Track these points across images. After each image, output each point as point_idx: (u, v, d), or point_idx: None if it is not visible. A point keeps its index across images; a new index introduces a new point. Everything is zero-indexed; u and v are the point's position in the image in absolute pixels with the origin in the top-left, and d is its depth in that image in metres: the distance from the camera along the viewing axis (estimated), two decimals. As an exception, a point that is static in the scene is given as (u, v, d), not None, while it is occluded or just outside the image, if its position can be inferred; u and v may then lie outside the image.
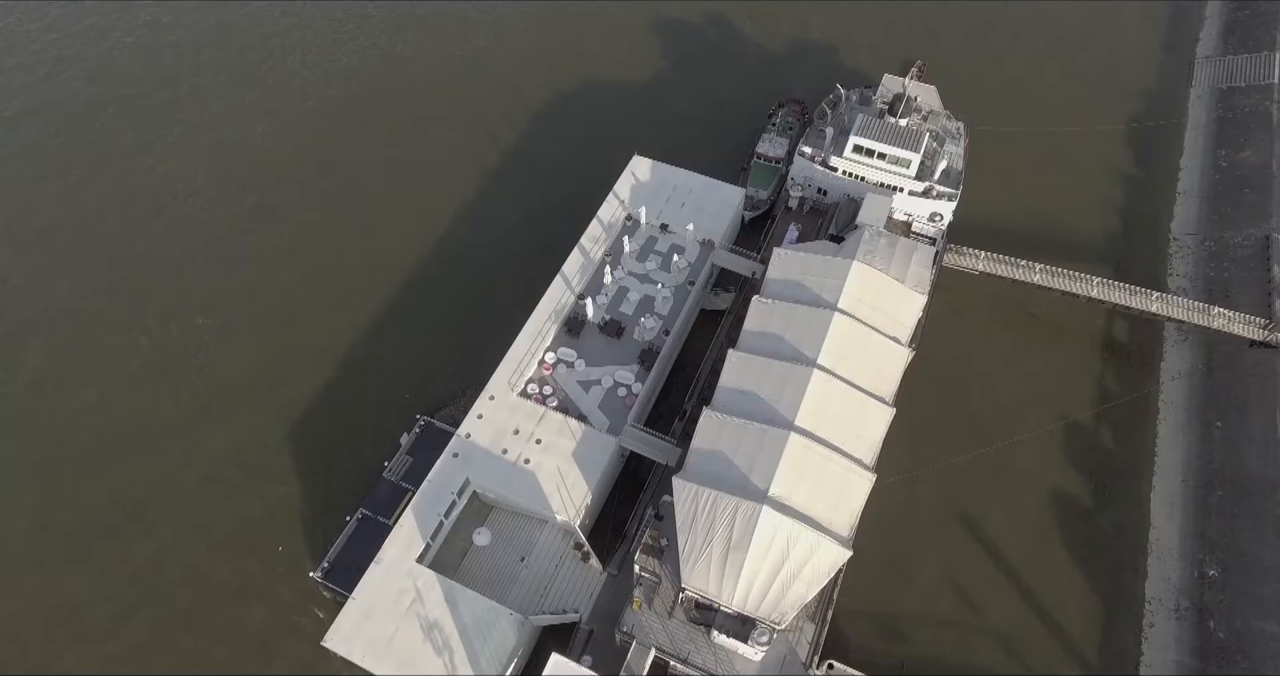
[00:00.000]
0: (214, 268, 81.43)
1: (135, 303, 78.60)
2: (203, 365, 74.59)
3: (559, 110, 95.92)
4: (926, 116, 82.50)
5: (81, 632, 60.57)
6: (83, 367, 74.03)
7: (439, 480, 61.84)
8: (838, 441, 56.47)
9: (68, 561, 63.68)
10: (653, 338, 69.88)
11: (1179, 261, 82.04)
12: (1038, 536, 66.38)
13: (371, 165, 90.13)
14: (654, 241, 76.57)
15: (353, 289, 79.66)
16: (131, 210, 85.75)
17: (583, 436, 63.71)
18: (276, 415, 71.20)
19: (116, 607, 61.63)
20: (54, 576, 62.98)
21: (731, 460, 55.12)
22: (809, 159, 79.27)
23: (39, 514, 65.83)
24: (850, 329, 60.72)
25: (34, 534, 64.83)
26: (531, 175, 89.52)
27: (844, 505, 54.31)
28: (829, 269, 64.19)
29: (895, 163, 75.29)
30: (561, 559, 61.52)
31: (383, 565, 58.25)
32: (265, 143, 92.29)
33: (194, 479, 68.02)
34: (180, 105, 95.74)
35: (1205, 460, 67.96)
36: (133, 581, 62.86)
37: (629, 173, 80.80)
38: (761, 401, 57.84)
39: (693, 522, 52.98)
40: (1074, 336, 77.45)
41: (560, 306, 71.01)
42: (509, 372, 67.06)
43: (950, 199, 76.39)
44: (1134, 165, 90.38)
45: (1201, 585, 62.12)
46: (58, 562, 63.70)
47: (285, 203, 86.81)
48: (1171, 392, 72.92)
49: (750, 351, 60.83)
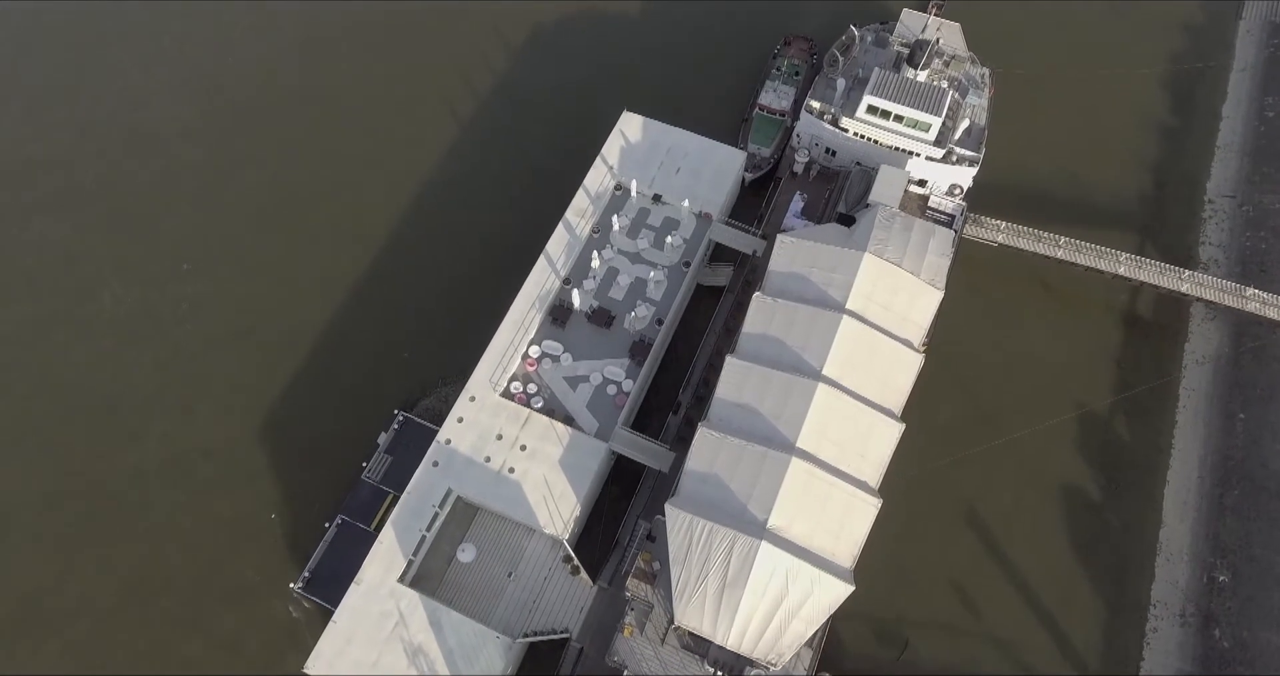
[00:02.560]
0: (176, 254, 75.00)
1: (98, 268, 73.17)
2: (176, 349, 69.92)
3: (539, 53, 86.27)
4: (949, 61, 74.33)
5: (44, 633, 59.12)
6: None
7: (419, 492, 58.58)
8: (842, 463, 52.90)
9: (37, 556, 61.49)
10: (644, 328, 64.94)
11: (1213, 227, 76.02)
12: (1043, 532, 64.09)
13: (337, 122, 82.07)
14: (646, 214, 70.15)
15: (315, 275, 73.37)
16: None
17: (570, 441, 60.01)
18: (247, 414, 67.08)
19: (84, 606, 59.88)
20: (22, 572, 60.95)
21: (728, 485, 51.67)
22: (817, 115, 71.72)
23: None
24: (859, 334, 55.87)
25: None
26: (510, 129, 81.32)
27: (847, 534, 51.35)
28: (837, 262, 58.55)
29: (913, 126, 68.05)
30: (550, 571, 59.09)
31: (363, 586, 55.84)
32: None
33: (162, 478, 64.80)
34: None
35: (1224, 455, 64.90)
36: (102, 589, 60.78)
37: (618, 132, 73.16)
38: (761, 417, 53.78)
39: (686, 556, 50.11)
40: (1095, 311, 72.59)
41: (544, 292, 65.64)
42: (490, 369, 62.57)
43: (972, 164, 69.68)
44: (1171, 113, 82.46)
45: (1210, 590, 60.39)
46: (28, 558, 61.58)
47: (247, 188, 78.96)
48: (1194, 378, 68.90)
49: (750, 358, 56.18)
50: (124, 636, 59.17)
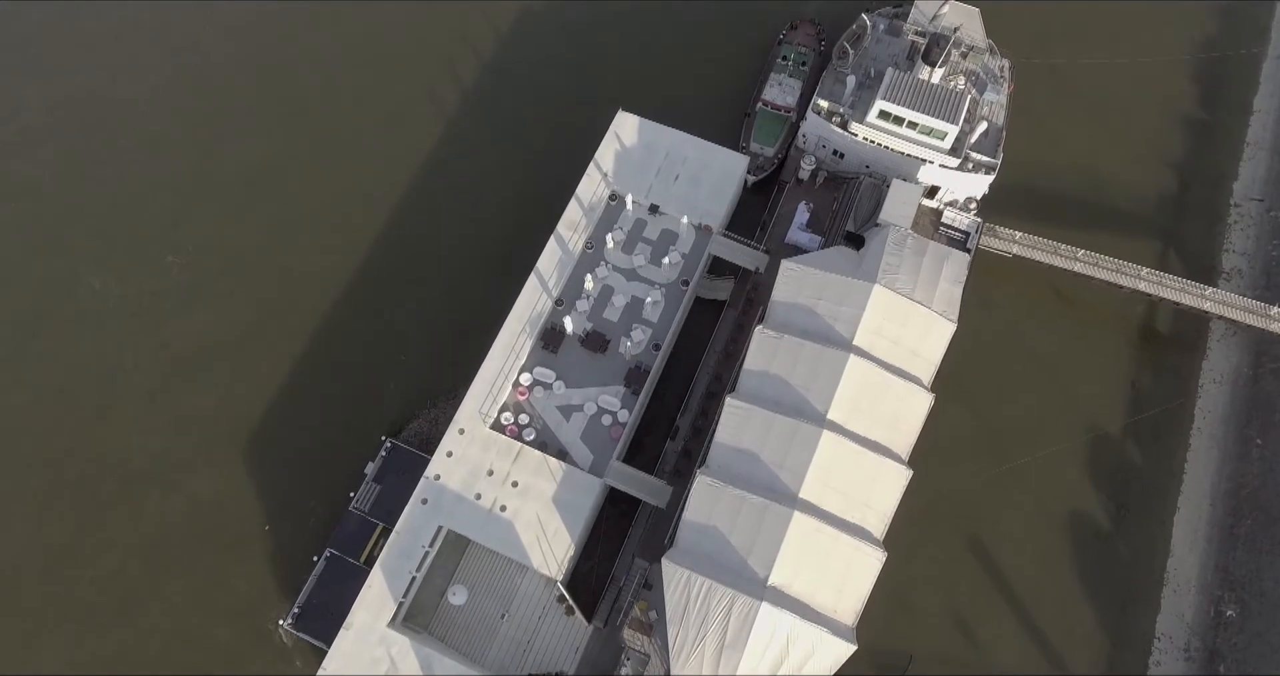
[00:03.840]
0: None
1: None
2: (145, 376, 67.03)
3: (528, 40, 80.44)
4: (966, 53, 69.46)
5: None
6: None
7: (408, 531, 56.57)
8: (846, 512, 50.86)
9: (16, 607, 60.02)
10: (640, 353, 61.94)
11: (1238, 234, 72.38)
12: (1049, 560, 62.51)
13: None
14: (642, 226, 66.26)
15: (291, 292, 69.82)
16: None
17: (564, 477, 57.75)
18: (228, 443, 64.69)
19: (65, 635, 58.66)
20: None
21: (727, 538, 49.72)
22: (825, 116, 67.21)
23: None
24: (866, 374, 53.04)
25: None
26: (500, 130, 76.40)
27: (850, 589, 49.65)
28: (845, 293, 55.26)
29: (928, 133, 63.75)
30: (544, 609, 57.73)
31: (353, 631, 54.36)
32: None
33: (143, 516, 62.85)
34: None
35: (1237, 482, 62.97)
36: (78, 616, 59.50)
37: (612, 134, 68.49)
38: (762, 464, 51.47)
39: (684, 614, 48.46)
40: (1110, 322, 69.54)
41: (535, 315, 62.39)
42: (479, 399, 59.81)
43: (989, 171, 65.68)
44: (1200, 106, 77.66)
45: (1217, 625, 59.28)
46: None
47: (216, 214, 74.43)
48: (1210, 399, 66.45)
49: (751, 397, 53.51)
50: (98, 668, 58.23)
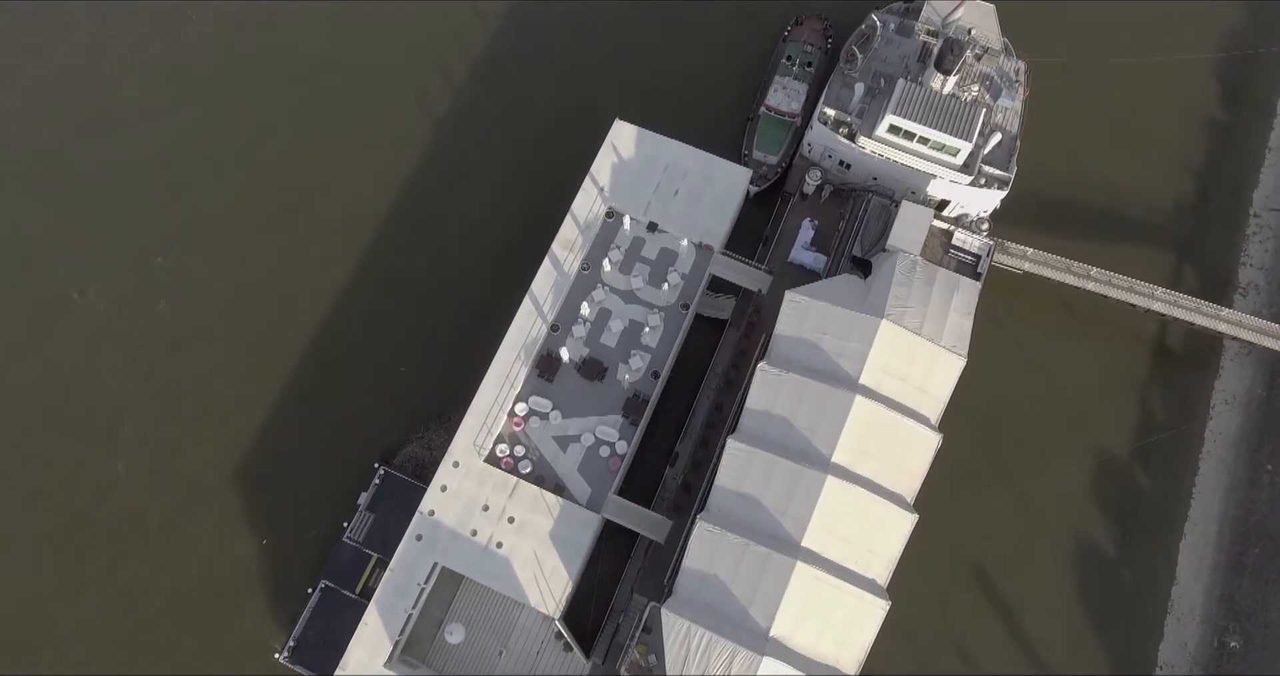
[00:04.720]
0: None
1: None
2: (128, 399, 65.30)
3: (521, 44, 76.57)
4: (980, 55, 66.14)
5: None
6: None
7: (403, 568, 55.52)
8: (849, 560, 49.80)
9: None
10: (639, 381, 60.11)
11: (1256, 246, 70.01)
12: (1052, 586, 61.82)
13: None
14: (640, 245, 63.73)
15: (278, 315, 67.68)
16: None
17: (561, 513, 56.51)
18: (212, 474, 63.36)
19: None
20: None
21: (729, 589, 48.74)
22: (832, 126, 64.23)
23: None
24: (873, 415, 51.38)
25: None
26: (490, 135, 73.21)
27: (853, 639, 48.86)
28: (851, 328, 53.24)
29: (940, 149, 60.96)
30: (542, 646, 57.24)
31: (349, 671, 53.79)
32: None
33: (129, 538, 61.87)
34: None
35: (1246, 509, 61.97)
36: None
37: (609, 146, 65.41)
38: (764, 510, 50.23)
39: (684, 665, 47.73)
40: (1121, 340, 67.65)
41: (530, 341, 60.40)
42: (474, 431, 58.21)
43: (1002, 186, 63.13)
44: (1222, 108, 74.38)
45: (1220, 656, 58.88)
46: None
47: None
48: (1222, 420, 65.03)
49: (753, 439, 51.98)
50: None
